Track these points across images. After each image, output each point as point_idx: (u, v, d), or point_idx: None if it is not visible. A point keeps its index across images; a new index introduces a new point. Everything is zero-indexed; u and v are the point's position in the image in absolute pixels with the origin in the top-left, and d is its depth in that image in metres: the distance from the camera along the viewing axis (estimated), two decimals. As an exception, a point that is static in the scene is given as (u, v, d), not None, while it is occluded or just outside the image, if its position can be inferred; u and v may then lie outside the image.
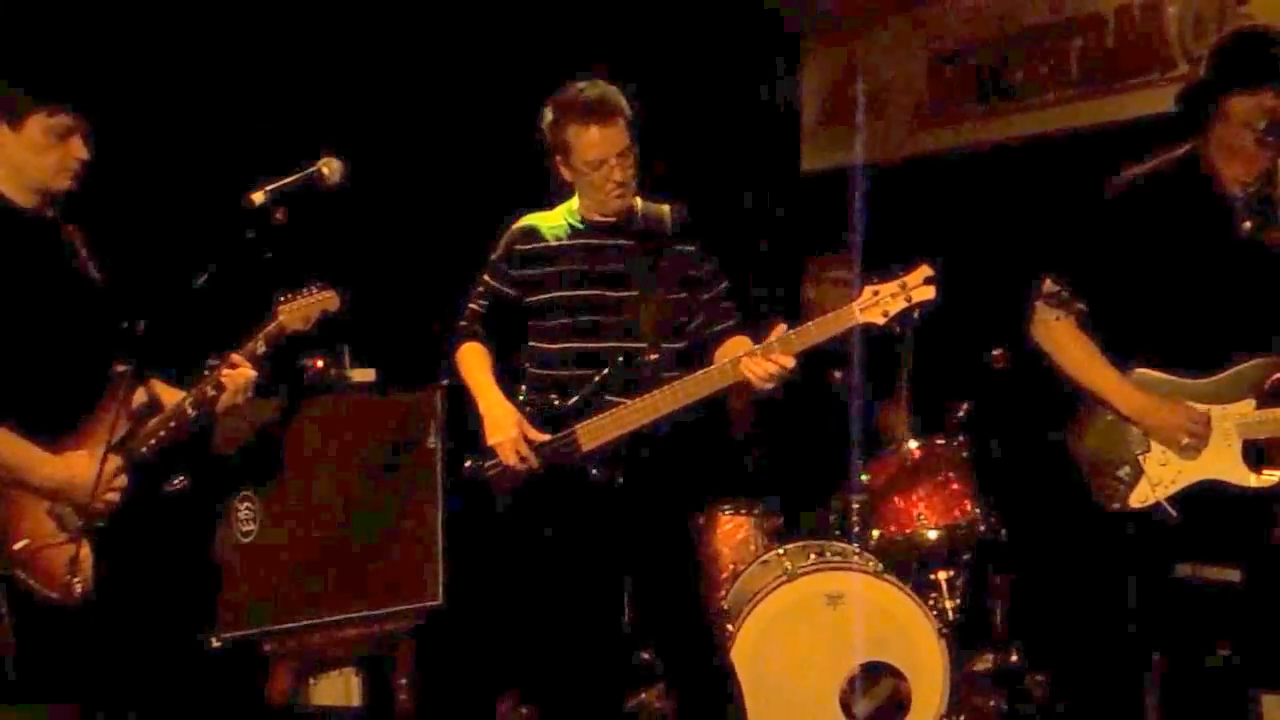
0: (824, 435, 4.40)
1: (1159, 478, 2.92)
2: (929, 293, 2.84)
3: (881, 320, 2.85)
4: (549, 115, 3.09)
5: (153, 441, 2.92)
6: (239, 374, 2.96)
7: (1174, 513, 2.92)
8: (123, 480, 2.87)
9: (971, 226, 4.97)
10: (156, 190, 3.91)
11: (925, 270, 2.85)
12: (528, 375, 3.21)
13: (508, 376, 3.24)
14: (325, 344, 3.99)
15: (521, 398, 3.17)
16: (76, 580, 2.77)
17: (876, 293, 2.86)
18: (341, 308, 3.04)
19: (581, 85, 3.07)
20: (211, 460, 3.49)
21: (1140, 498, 2.94)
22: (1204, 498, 2.92)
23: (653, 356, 3.04)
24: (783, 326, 2.91)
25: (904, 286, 2.84)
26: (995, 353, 4.21)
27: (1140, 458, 2.94)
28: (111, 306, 2.95)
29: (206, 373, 2.95)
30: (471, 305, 3.30)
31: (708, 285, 3.17)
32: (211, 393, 2.92)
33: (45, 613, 2.76)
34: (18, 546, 2.77)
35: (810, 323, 2.90)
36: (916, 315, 2.86)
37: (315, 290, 3.01)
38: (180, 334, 2.89)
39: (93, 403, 2.89)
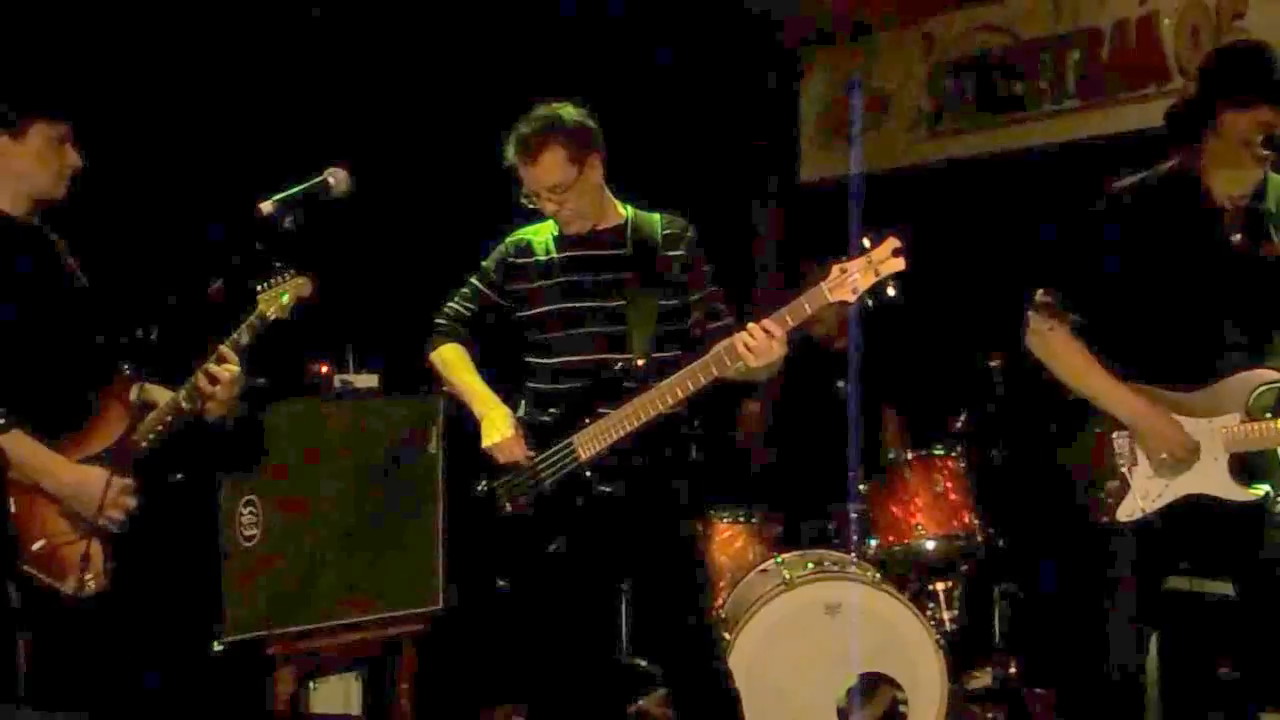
0: (826, 445, 4.42)
1: (1146, 491, 2.91)
2: (898, 264, 2.80)
3: (852, 297, 2.81)
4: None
5: (151, 436, 2.94)
6: (227, 366, 2.96)
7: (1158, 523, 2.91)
8: (132, 501, 2.89)
9: (970, 237, 5.00)
10: (166, 199, 3.93)
11: (892, 242, 2.81)
12: (527, 391, 3.22)
13: (503, 391, 3.25)
14: (329, 349, 4.01)
15: (522, 414, 3.19)
16: (90, 577, 2.80)
17: (844, 270, 2.82)
18: (315, 293, 3.03)
19: (531, 113, 3.09)
20: (216, 463, 3.50)
21: (1128, 511, 2.92)
22: (1195, 511, 2.91)
23: (640, 363, 3.05)
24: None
25: (871, 261, 2.81)
26: (994, 363, 4.24)
27: (1127, 471, 2.93)
28: (103, 312, 2.97)
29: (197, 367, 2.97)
30: (454, 305, 3.30)
31: (699, 288, 3.17)
32: (203, 385, 2.93)
33: (58, 611, 2.79)
34: (36, 547, 2.79)
35: (783, 309, 2.88)
36: (889, 289, 2.81)
37: (289, 276, 3.00)
38: (190, 340, 2.91)
39: (91, 406, 2.91)
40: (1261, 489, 2.88)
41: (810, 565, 3.84)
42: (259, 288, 2.96)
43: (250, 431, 3.64)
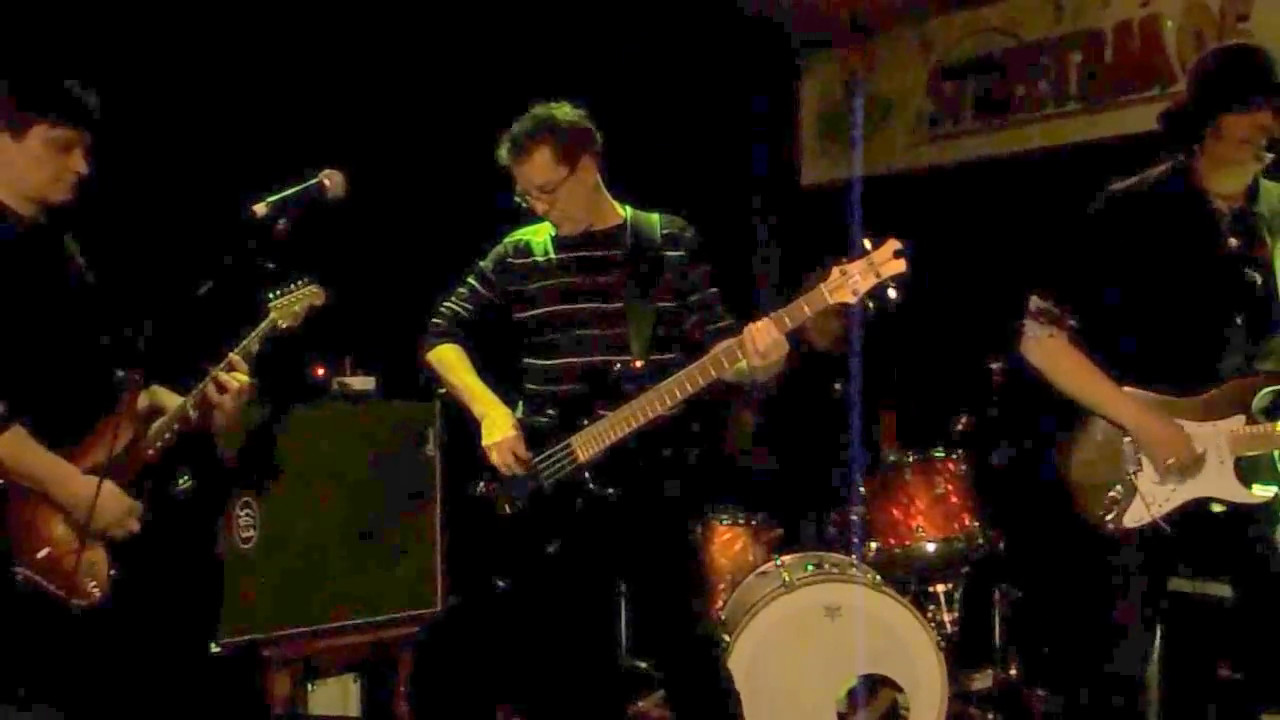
0: (824, 447, 4.42)
1: (1153, 496, 2.88)
2: (898, 266, 2.80)
3: (852, 299, 2.81)
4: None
5: (159, 444, 2.94)
6: (237, 375, 2.96)
7: (1167, 528, 2.89)
8: (134, 525, 2.88)
9: (971, 240, 5.00)
10: (160, 201, 3.93)
11: (893, 244, 2.81)
12: (525, 393, 3.22)
13: (501, 393, 3.24)
14: (327, 352, 4.01)
15: (520, 415, 3.18)
16: (93, 585, 2.80)
17: (844, 272, 2.82)
18: (327, 302, 3.04)
19: (529, 113, 3.11)
20: (214, 464, 3.50)
21: (1135, 517, 2.89)
22: (1196, 514, 2.89)
23: (638, 364, 3.05)
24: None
25: (872, 263, 2.80)
26: (994, 366, 4.23)
27: (1133, 476, 2.90)
28: (109, 314, 2.96)
29: (206, 375, 2.96)
30: (451, 305, 3.29)
31: (698, 289, 3.17)
32: (212, 393, 2.93)
33: (58, 617, 2.78)
34: (41, 555, 2.79)
35: (782, 310, 2.88)
36: (890, 291, 2.81)
37: (302, 286, 3.01)
38: (184, 343, 2.90)
39: (98, 410, 2.90)
40: (1270, 490, 2.87)
41: (810, 567, 3.83)
42: (271, 296, 2.96)
43: (263, 445, 3.65)
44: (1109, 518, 2.90)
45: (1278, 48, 2.92)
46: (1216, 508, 2.89)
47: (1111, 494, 2.91)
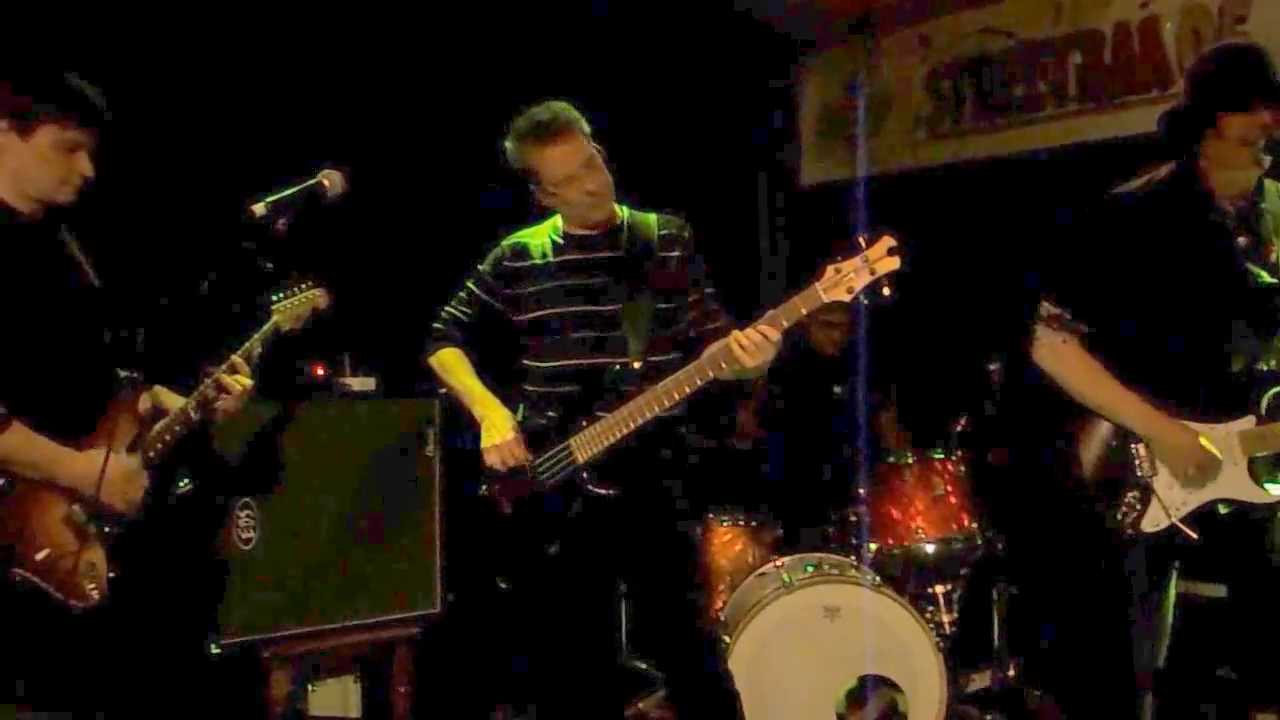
0: (823, 448, 4.42)
1: (1170, 500, 2.86)
2: (893, 263, 2.78)
3: (847, 297, 2.80)
4: (509, 146, 3.11)
5: (160, 445, 2.94)
6: (239, 378, 2.97)
7: (1193, 534, 2.87)
8: (144, 479, 2.87)
9: (970, 240, 5.00)
10: (159, 200, 3.93)
11: (888, 241, 2.79)
12: (525, 394, 3.22)
13: (501, 395, 3.24)
14: (326, 352, 4.01)
15: (520, 417, 3.18)
16: (92, 586, 2.80)
17: (839, 270, 2.81)
18: (330, 306, 3.04)
19: (532, 110, 3.10)
20: (214, 465, 3.50)
21: (1154, 522, 2.87)
22: (1201, 517, 2.88)
23: (636, 365, 3.05)
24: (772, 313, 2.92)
25: (867, 260, 2.79)
26: (993, 366, 4.24)
27: (1149, 481, 2.88)
28: (110, 313, 2.96)
29: (206, 377, 2.97)
30: (451, 310, 3.30)
31: (695, 289, 3.17)
32: (213, 395, 2.93)
33: (57, 618, 2.78)
34: (39, 557, 2.78)
35: (777, 309, 2.87)
36: (885, 288, 2.79)
37: (305, 288, 3.01)
38: (182, 343, 2.90)
39: (98, 410, 2.90)
40: None
41: (810, 568, 3.83)
42: (275, 298, 2.96)
43: (263, 445, 3.65)
44: (1126, 525, 2.88)
45: (1276, 48, 2.92)
46: (1222, 509, 2.88)
47: (1127, 500, 2.88)
